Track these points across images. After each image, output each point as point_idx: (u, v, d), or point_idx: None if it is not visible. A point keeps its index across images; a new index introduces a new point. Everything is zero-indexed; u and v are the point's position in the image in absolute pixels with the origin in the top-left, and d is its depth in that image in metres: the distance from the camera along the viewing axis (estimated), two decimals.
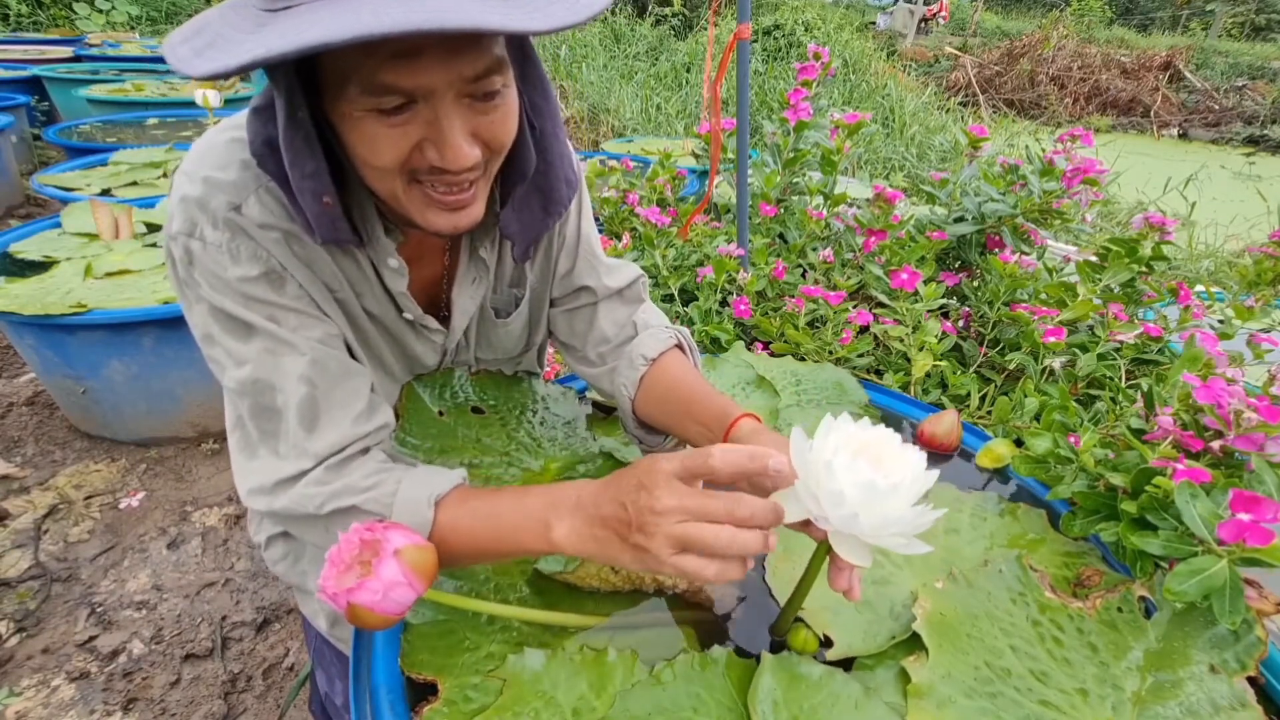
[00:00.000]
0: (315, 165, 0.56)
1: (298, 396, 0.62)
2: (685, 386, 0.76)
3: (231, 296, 0.61)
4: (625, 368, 0.81)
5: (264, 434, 0.64)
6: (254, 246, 0.61)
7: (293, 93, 0.53)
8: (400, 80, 0.50)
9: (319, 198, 0.57)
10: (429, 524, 0.60)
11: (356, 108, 0.52)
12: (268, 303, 0.62)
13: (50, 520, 1.91)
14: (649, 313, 0.88)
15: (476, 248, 0.76)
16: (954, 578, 0.66)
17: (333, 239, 0.60)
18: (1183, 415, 0.75)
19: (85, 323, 1.87)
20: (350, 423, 0.64)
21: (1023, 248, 1.51)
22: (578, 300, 0.86)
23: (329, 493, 0.61)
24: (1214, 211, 4.19)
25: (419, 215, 0.60)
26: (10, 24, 8.07)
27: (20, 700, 1.44)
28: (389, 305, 0.74)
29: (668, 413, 0.77)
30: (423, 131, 0.54)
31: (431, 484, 0.62)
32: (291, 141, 0.55)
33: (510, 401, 0.90)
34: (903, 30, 12.28)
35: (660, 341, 0.81)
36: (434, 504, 0.60)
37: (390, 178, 0.56)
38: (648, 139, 4.46)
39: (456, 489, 0.63)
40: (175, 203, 0.61)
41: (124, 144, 3.38)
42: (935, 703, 0.55)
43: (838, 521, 0.50)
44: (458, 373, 0.88)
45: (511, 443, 0.85)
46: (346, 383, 0.65)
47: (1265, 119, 8.53)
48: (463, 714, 0.54)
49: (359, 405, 0.66)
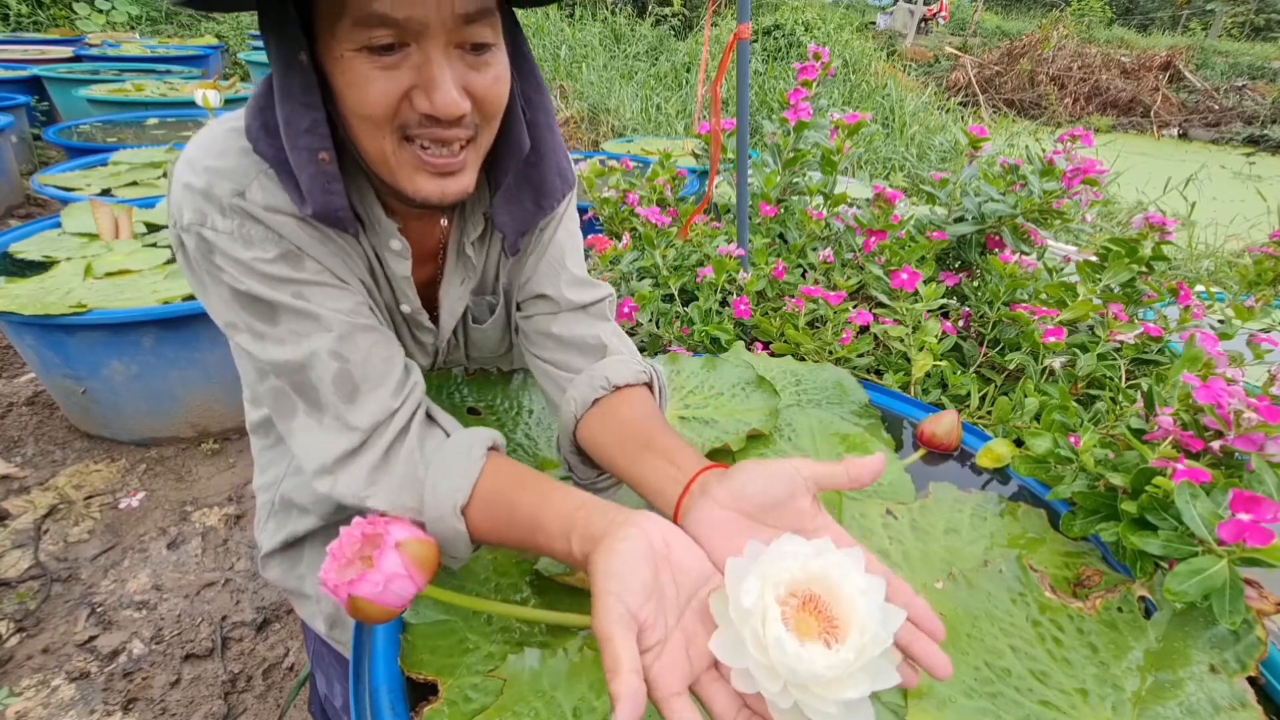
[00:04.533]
0: (313, 117, 0.55)
1: (331, 372, 0.61)
2: (648, 423, 0.67)
3: (253, 278, 0.60)
4: (582, 384, 0.73)
5: (311, 407, 0.63)
6: (264, 230, 0.61)
7: (292, 33, 0.53)
8: (394, 9, 0.50)
9: (315, 155, 0.56)
10: (464, 535, 0.60)
11: (348, 46, 0.52)
12: (290, 280, 0.62)
13: (50, 520, 1.91)
14: (619, 337, 0.81)
15: (464, 244, 0.75)
16: (954, 578, 0.66)
17: (325, 208, 0.58)
18: (1183, 415, 0.75)
19: (85, 323, 1.87)
20: (389, 394, 0.64)
21: (1023, 248, 1.51)
22: (535, 308, 0.81)
23: (370, 494, 0.62)
24: (1214, 211, 4.19)
25: (408, 181, 0.59)
26: (10, 24, 8.07)
27: (20, 700, 1.44)
28: (384, 296, 0.74)
29: (620, 443, 0.66)
30: (413, 78, 0.54)
31: (456, 488, 0.60)
32: (289, 93, 0.54)
33: (507, 402, 0.90)
34: (903, 30, 12.28)
35: (631, 373, 0.73)
36: (459, 515, 0.60)
37: (381, 132, 0.56)
38: (648, 139, 4.46)
39: (479, 486, 0.61)
40: (179, 193, 0.60)
41: (124, 144, 3.39)
42: (935, 703, 0.55)
43: (768, 695, 0.41)
44: (454, 373, 0.89)
45: (508, 443, 0.85)
46: (379, 351, 0.65)
47: (1265, 119, 8.53)
48: (463, 714, 0.54)
49: (396, 373, 0.66)
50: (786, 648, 0.39)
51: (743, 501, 0.51)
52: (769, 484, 0.51)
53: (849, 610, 0.42)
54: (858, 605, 0.41)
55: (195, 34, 8.56)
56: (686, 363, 1.06)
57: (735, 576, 0.43)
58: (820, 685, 0.40)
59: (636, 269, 1.65)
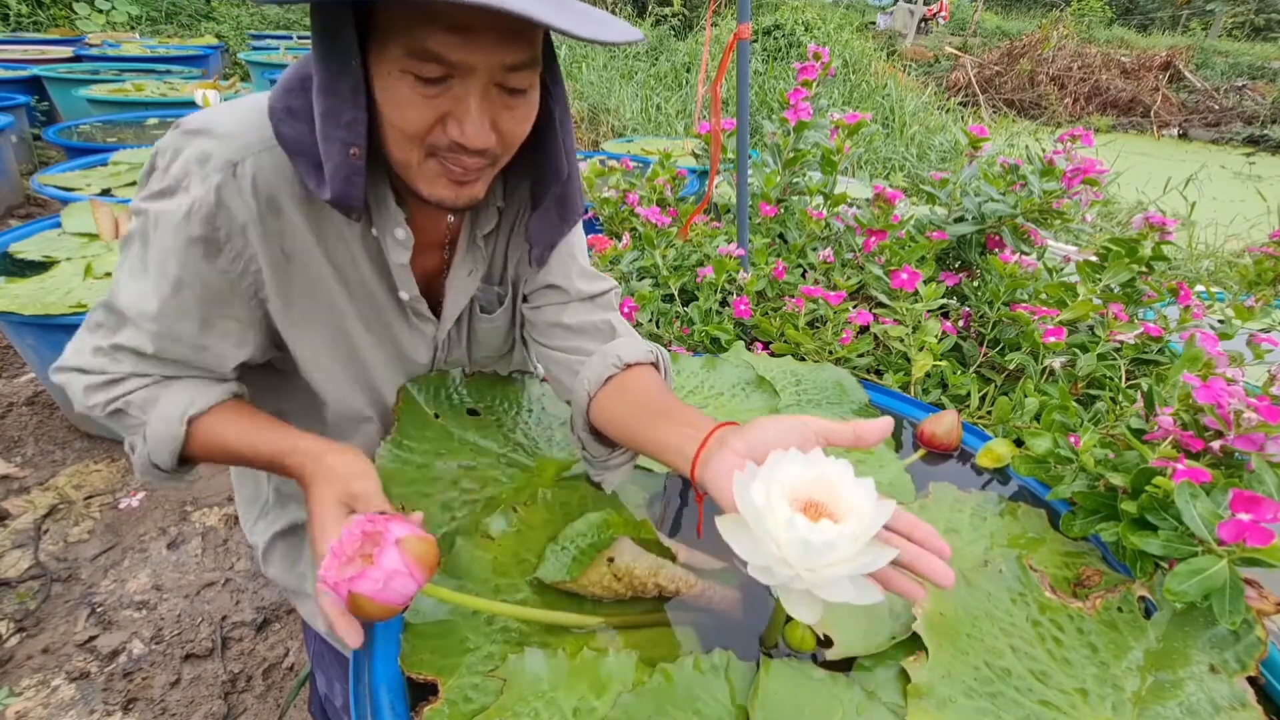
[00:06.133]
0: (355, 116, 0.57)
1: (137, 342, 0.65)
2: (661, 395, 0.72)
3: (171, 233, 0.62)
4: (595, 363, 0.76)
5: (100, 327, 0.68)
6: (215, 211, 0.61)
7: (347, 39, 0.55)
8: (447, 52, 0.53)
9: (347, 148, 0.58)
10: (179, 439, 0.66)
11: (396, 68, 0.55)
12: (184, 261, 0.63)
13: (50, 520, 1.91)
14: (625, 325, 0.85)
15: (475, 236, 0.77)
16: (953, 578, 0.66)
17: (343, 196, 0.60)
18: (1183, 415, 0.75)
19: None
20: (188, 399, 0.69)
21: (1023, 248, 1.51)
22: (544, 299, 0.84)
23: (105, 399, 0.67)
24: (1214, 211, 4.19)
25: (427, 186, 0.62)
26: (10, 24, 8.07)
27: (20, 700, 1.44)
28: (381, 286, 0.74)
29: (635, 414, 0.70)
30: (450, 106, 0.57)
31: (191, 399, 0.67)
32: (335, 90, 0.57)
33: (506, 402, 0.90)
34: (903, 30, 12.28)
35: (639, 352, 0.77)
36: (185, 422, 0.66)
37: (410, 146, 0.59)
38: (648, 139, 4.46)
39: (218, 406, 0.68)
40: (179, 138, 0.62)
41: (124, 144, 3.38)
42: (935, 703, 0.55)
43: (781, 581, 0.47)
44: (452, 374, 0.88)
45: (508, 444, 0.85)
46: (187, 371, 0.69)
47: (1265, 119, 8.53)
48: (463, 714, 0.54)
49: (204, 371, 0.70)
50: (798, 525, 0.44)
51: (757, 451, 0.55)
52: (781, 435, 0.55)
53: (847, 504, 0.47)
54: (854, 498, 0.47)
55: (195, 34, 8.56)
56: (686, 363, 1.06)
57: (742, 485, 0.48)
58: (831, 561, 0.44)
59: (636, 269, 1.65)
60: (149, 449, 0.67)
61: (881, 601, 0.47)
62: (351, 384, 0.78)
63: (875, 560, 0.45)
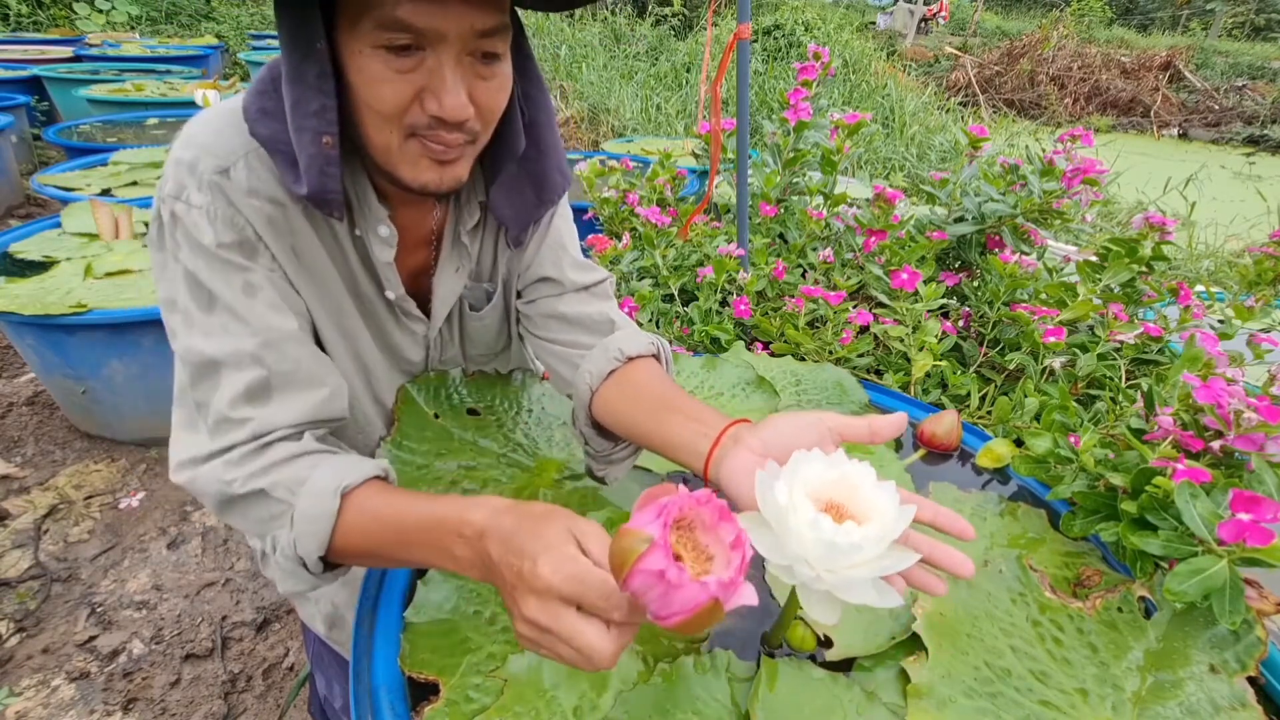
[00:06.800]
0: (324, 103, 0.57)
1: (249, 377, 0.61)
2: (666, 388, 0.71)
3: (206, 261, 0.61)
4: (597, 356, 0.75)
5: (202, 406, 0.63)
6: (232, 213, 0.61)
7: (312, 23, 0.55)
8: (417, 19, 0.52)
9: (319, 137, 0.57)
10: (332, 515, 0.57)
11: (368, 44, 0.54)
12: (241, 268, 0.62)
13: (50, 520, 1.91)
14: (622, 316, 0.84)
15: (460, 232, 0.76)
16: (954, 578, 0.66)
17: (320, 189, 0.59)
18: (1183, 415, 0.75)
19: (85, 323, 1.86)
20: (312, 407, 0.65)
21: (1023, 248, 1.51)
22: (539, 292, 0.83)
23: (246, 474, 0.59)
24: (1214, 211, 4.19)
25: (410, 170, 0.61)
26: (10, 24, 8.06)
27: (20, 700, 1.44)
28: (370, 284, 0.74)
29: (640, 408, 0.68)
30: (425, 80, 0.56)
31: (343, 474, 0.59)
32: (302, 77, 0.56)
33: (506, 402, 0.90)
34: (903, 30, 12.28)
35: (641, 345, 0.76)
36: (340, 495, 0.57)
37: (389, 127, 0.58)
38: (648, 139, 4.45)
39: (369, 482, 0.60)
40: (169, 165, 0.62)
41: (124, 144, 3.38)
42: (935, 703, 0.55)
43: (801, 581, 0.46)
44: (452, 374, 0.88)
45: (508, 444, 0.85)
46: (305, 368, 0.65)
47: (1265, 119, 8.53)
48: (464, 714, 0.54)
49: (321, 392, 0.66)
50: (823, 526, 0.43)
51: (773, 449, 0.54)
52: (797, 433, 0.55)
53: (869, 506, 0.47)
54: (876, 500, 0.47)
55: (195, 34, 8.56)
56: (687, 363, 1.06)
57: (765, 485, 0.48)
58: (854, 562, 0.44)
59: (636, 269, 1.65)
60: (295, 535, 0.58)
61: (902, 605, 0.47)
62: (356, 384, 0.78)
63: (897, 563, 0.46)
